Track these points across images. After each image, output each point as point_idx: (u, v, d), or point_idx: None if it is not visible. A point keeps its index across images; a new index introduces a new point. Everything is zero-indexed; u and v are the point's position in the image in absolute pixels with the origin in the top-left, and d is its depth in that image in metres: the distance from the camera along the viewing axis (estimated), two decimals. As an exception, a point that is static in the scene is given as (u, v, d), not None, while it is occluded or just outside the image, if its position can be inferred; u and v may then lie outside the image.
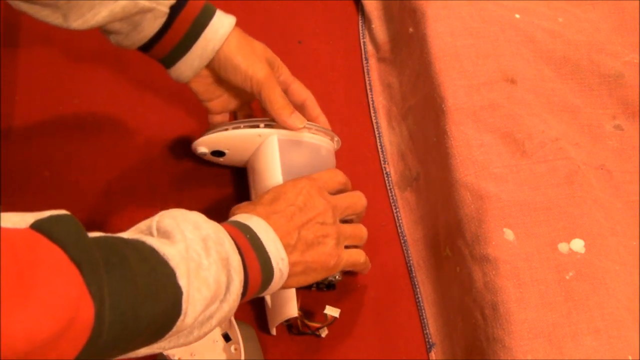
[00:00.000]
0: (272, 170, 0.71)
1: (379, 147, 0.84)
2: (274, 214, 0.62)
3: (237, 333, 0.65)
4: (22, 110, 0.84)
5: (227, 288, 0.53)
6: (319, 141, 0.74)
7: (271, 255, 0.59)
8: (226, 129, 0.72)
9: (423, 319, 0.76)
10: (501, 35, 0.78)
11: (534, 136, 0.73)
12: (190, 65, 0.69)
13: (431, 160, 0.78)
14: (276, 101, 0.70)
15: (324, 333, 0.73)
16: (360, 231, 0.70)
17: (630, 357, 0.64)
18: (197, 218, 0.55)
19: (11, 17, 0.88)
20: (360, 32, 0.91)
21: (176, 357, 0.65)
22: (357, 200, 0.70)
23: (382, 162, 0.83)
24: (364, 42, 0.90)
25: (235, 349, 0.66)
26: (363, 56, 0.89)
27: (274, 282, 0.59)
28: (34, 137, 0.83)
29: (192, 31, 0.68)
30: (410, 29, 0.82)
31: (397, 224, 0.80)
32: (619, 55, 0.79)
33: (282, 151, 0.71)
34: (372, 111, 0.86)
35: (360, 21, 0.91)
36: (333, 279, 0.71)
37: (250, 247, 0.57)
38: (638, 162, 0.77)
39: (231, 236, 0.56)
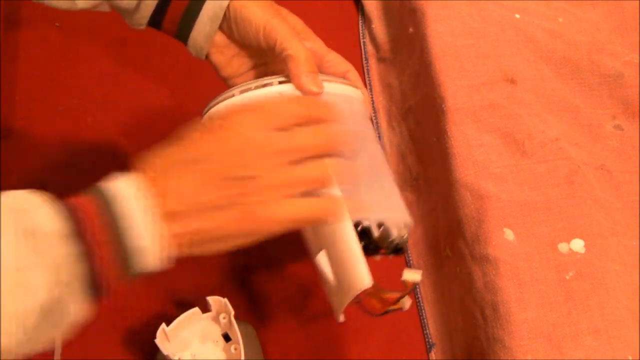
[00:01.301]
0: None
1: (379, 147, 0.84)
2: (176, 166, 0.50)
3: (237, 333, 0.65)
4: (22, 110, 0.84)
5: (58, 286, 0.45)
6: (348, 91, 0.63)
7: (135, 230, 0.47)
8: (233, 95, 0.60)
9: (423, 319, 0.76)
10: (501, 35, 0.78)
11: (534, 136, 0.73)
12: (202, 31, 0.63)
13: (431, 160, 0.78)
14: (296, 53, 0.59)
15: (408, 304, 0.59)
16: (313, 172, 0.52)
17: (630, 357, 0.64)
18: (19, 201, 0.46)
19: (11, 18, 0.88)
20: (360, 32, 0.91)
21: (176, 357, 0.65)
22: (320, 135, 0.53)
23: (382, 162, 0.83)
24: (364, 42, 0.90)
25: (235, 349, 0.66)
26: (363, 56, 0.89)
27: (151, 260, 0.48)
28: (34, 137, 0.83)
29: None
30: (410, 29, 0.82)
31: (397, 224, 0.80)
32: (619, 55, 0.79)
33: None
34: (372, 111, 0.86)
35: (360, 21, 0.91)
36: (400, 241, 0.56)
37: (101, 224, 0.47)
38: (638, 162, 0.77)
39: (76, 215, 0.47)
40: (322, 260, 0.58)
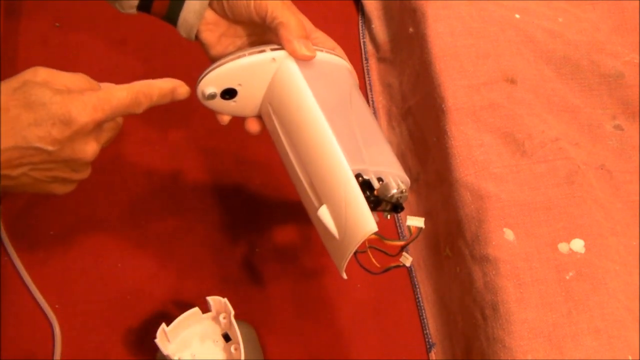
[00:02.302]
0: (301, 99, 0.59)
1: (379, 147, 0.84)
2: None
3: (237, 333, 0.65)
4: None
5: None
6: (337, 61, 0.65)
7: None
8: (225, 62, 0.61)
9: (423, 319, 0.76)
10: (501, 35, 0.78)
11: (534, 136, 0.73)
12: (192, 9, 0.64)
13: (431, 160, 0.78)
14: (287, 20, 0.60)
15: (409, 262, 0.58)
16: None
17: (630, 357, 0.64)
18: None
19: (11, 18, 0.88)
20: (360, 32, 0.91)
21: (176, 357, 0.65)
22: None
23: (382, 162, 0.83)
24: (364, 42, 0.90)
25: (235, 349, 0.66)
26: (363, 56, 0.89)
27: None
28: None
29: None
30: (410, 29, 0.82)
31: (397, 224, 0.80)
32: (619, 55, 0.79)
33: (305, 75, 0.60)
34: (372, 111, 0.86)
35: (360, 21, 0.91)
36: (400, 196, 0.56)
37: None
38: (638, 162, 0.77)
39: None
40: (324, 213, 0.57)
